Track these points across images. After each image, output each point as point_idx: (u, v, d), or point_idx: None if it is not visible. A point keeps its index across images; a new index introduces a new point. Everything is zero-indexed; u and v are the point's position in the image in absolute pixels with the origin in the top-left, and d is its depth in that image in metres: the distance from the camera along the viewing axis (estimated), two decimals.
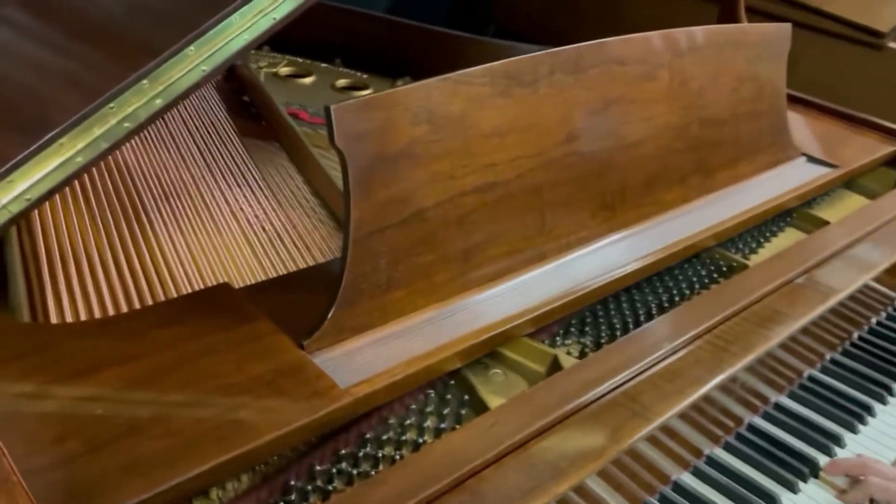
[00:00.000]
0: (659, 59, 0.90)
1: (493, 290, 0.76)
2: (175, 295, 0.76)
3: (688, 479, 0.71)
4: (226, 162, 1.05)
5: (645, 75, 0.88)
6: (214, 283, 0.79)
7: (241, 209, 0.96)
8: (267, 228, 0.93)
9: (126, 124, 0.63)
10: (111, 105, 0.62)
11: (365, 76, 1.41)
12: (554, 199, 0.80)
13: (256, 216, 0.96)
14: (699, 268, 0.91)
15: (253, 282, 0.82)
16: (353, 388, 0.61)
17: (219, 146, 1.08)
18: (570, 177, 0.82)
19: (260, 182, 1.02)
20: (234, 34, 0.67)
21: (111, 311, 0.70)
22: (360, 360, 0.66)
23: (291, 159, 1.07)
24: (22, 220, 0.66)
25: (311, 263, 0.87)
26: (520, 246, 0.78)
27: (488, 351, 0.71)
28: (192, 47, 0.65)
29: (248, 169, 1.05)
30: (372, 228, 0.66)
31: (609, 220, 0.87)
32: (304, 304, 0.69)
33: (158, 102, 0.64)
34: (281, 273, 0.85)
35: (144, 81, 0.63)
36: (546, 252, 0.80)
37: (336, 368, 0.64)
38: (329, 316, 0.65)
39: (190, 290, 0.77)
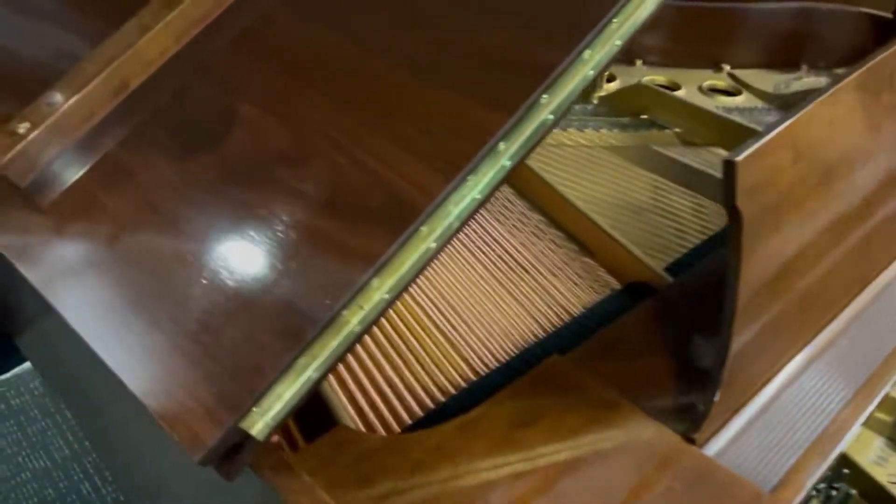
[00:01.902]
0: None
1: None
2: (445, 345, 0.68)
3: None
4: None
5: None
6: (484, 329, 0.71)
7: (467, 235, 0.86)
8: (504, 257, 0.83)
9: (477, 196, 0.52)
10: (468, 179, 0.51)
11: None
12: None
13: (486, 242, 0.86)
14: None
15: (518, 321, 0.74)
16: (778, 492, 0.52)
17: None
18: None
19: None
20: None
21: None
22: (749, 449, 0.57)
23: None
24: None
25: (567, 294, 0.78)
26: None
27: None
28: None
29: None
30: (754, 289, 0.56)
31: None
32: (635, 374, 0.60)
33: (508, 164, 0.53)
34: (543, 309, 0.76)
35: (501, 145, 0.52)
36: None
37: (738, 465, 0.55)
38: (715, 397, 0.56)
39: (460, 341, 0.69)
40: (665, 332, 0.64)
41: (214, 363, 0.47)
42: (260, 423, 0.46)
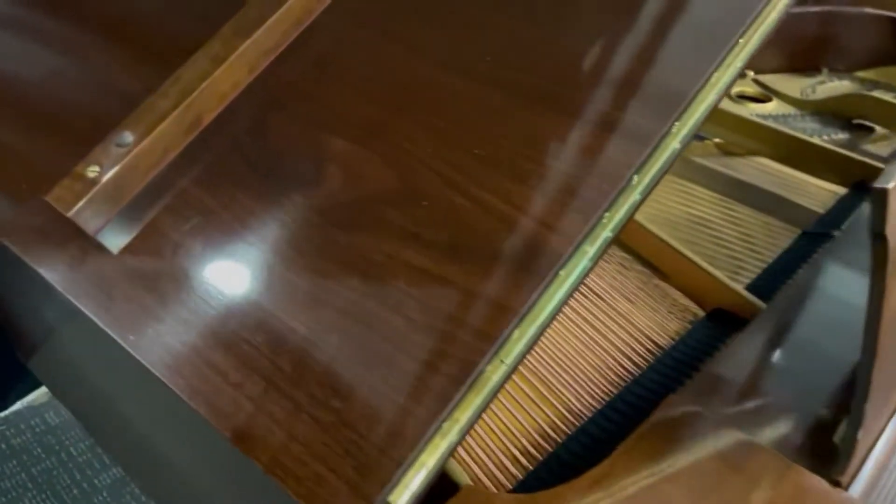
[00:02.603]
0: None
1: None
2: (542, 390, 0.63)
3: None
4: None
5: None
6: (576, 369, 0.67)
7: None
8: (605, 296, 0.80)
9: (609, 234, 0.49)
10: (604, 217, 0.47)
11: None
12: None
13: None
14: None
15: (608, 357, 0.70)
16: None
17: None
18: None
19: None
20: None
21: None
22: (890, 487, 0.54)
23: None
24: None
25: (649, 322, 0.75)
26: None
27: None
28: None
29: None
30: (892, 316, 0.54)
31: None
32: (758, 414, 0.57)
33: (639, 198, 0.49)
34: (629, 341, 0.72)
35: (634, 178, 0.48)
36: None
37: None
38: (858, 435, 0.53)
39: (554, 383, 0.65)
40: (778, 365, 0.61)
41: (351, 431, 0.43)
42: (405, 495, 0.42)
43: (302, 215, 0.53)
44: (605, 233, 0.47)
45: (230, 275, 0.52)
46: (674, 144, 0.50)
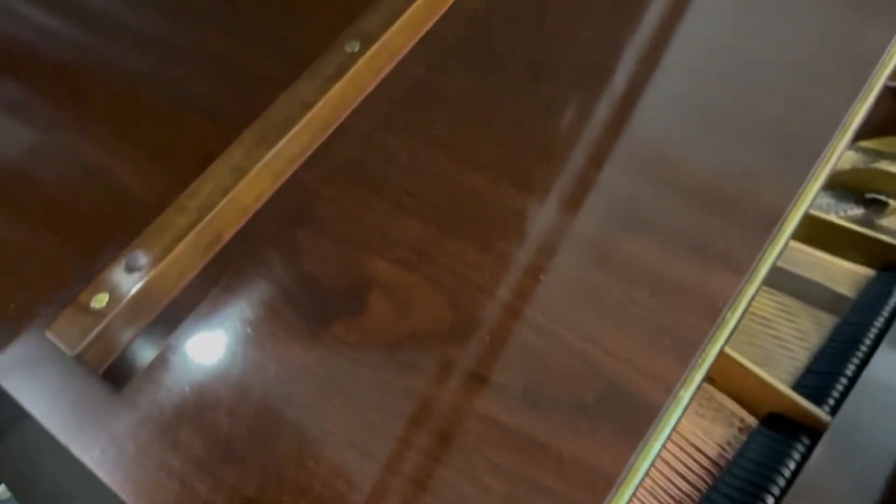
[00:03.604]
0: None
1: None
2: None
3: None
4: None
5: None
6: None
7: None
8: None
9: (700, 377, 0.43)
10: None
11: None
12: None
13: None
14: None
15: (658, 475, 0.64)
16: None
17: None
18: None
19: None
20: None
21: None
22: None
23: None
24: None
25: (696, 430, 0.69)
26: None
27: None
28: None
29: None
30: None
31: None
32: None
33: (730, 331, 0.44)
34: (679, 454, 0.66)
35: (728, 313, 0.43)
36: None
37: None
38: None
39: None
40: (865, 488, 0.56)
41: None
42: None
43: (345, 355, 0.46)
44: (699, 375, 0.42)
45: (259, 433, 0.45)
46: (766, 269, 0.45)
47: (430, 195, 0.52)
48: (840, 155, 0.48)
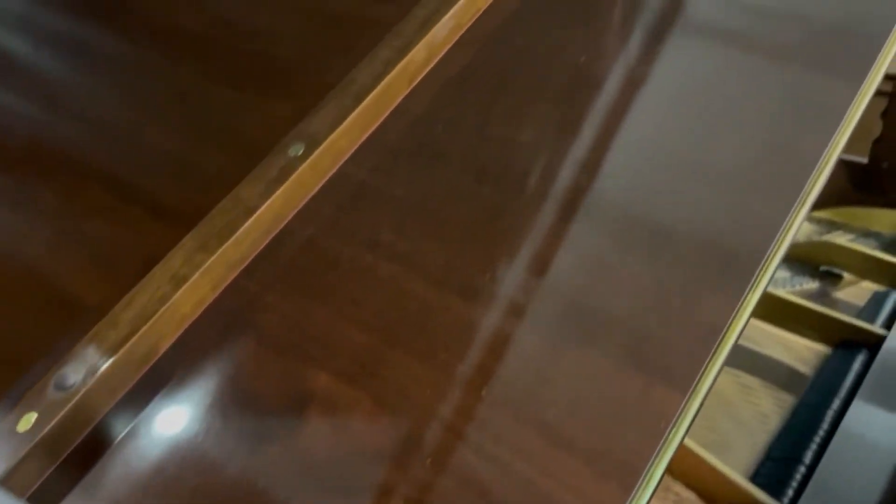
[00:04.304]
0: None
1: None
2: None
3: None
4: None
5: None
6: None
7: None
8: None
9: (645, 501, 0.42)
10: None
11: None
12: None
13: None
14: None
15: None
16: None
17: None
18: None
19: None
20: None
21: None
22: None
23: None
24: None
25: None
26: None
27: None
28: None
29: None
30: None
31: None
32: None
33: (674, 449, 0.43)
34: None
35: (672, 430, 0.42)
36: None
37: None
38: None
39: None
40: None
41: None
42: None
43: (282, 478, 0.45)
44: (647, 494, 0.41)
45: None
46: (708, 383, 0.44)
47: (374, 303, 0.51)
48: (780, 261, 0.48)
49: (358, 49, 0.67)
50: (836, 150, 0.55)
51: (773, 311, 1.01)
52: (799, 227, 0.50)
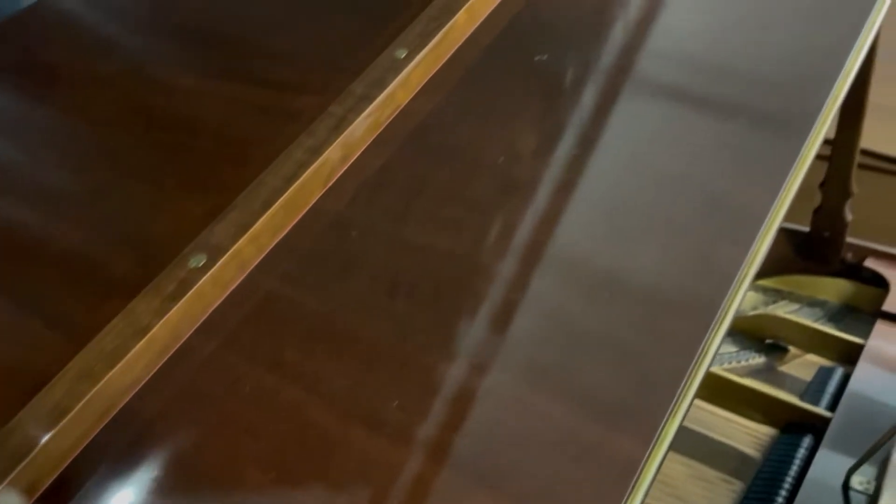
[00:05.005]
0: None
1: None
2: None
3: None
4: None
5: None
6: None
7: None
8: None
9: None
10: None
11: None
12: None
13: None
14: None
15: None
16: None
17: None
18: None
19: None
20: None
21: None
22: None
23: None
24: None
25: None
26: None
27: None
28: None
29: None
30: None
31: None
32: None
33: None
34: None
35: None
36: None
37: None
38: None
39: None
40: None
41: None
42: None
43: None
44: None
45: None
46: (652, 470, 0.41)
47: (273, 435, 0.48)
48: (698, 386, 0.46)
49: (280, 142, 0.64)
50: (777, 217, 0.54)
51: (720, 392, 0.99)
52: (717, 348, 0.48)
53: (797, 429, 0.93)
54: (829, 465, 0.86)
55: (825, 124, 0.61)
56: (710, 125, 0.61)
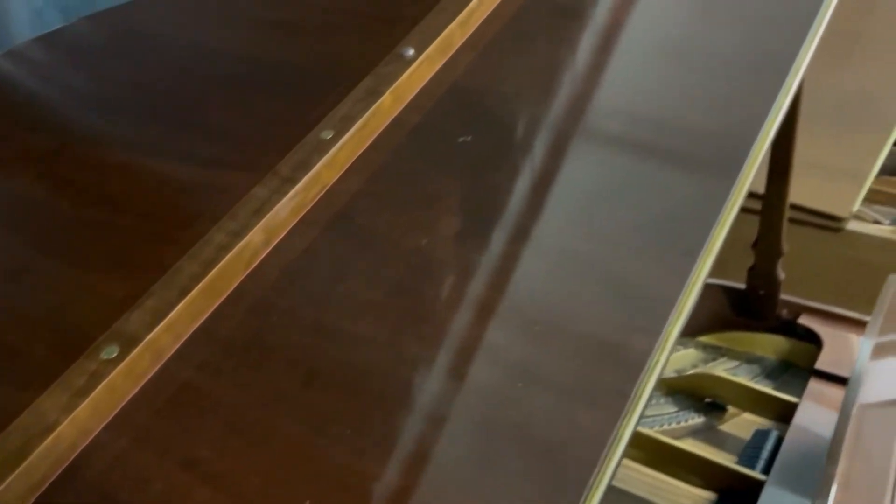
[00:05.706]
0: None
1: None
2: None
3: None
4: None
5: None
6: None
7: None
8: None
9: None
10: None
11: None
12: None
13: None
14: None
15: None
16: None
17: None
18: None
19: None
20: None
21: None
22: None
23: None
24: None
25: None
26: None
27: None
28: None
29: None
30: None
31: None
32: None
33: None
34: None
35: None
36: None
37: None
38: None
39: None
40: None
41: None
42: None
43: None
44: None
45: None
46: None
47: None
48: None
49: (206, 220, 0.63)
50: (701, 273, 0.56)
51: (659, 456, 0.99)
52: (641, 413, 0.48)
53: (734, 494, 0.93)
54: None
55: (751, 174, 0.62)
56: (631, 201, 0.62)
